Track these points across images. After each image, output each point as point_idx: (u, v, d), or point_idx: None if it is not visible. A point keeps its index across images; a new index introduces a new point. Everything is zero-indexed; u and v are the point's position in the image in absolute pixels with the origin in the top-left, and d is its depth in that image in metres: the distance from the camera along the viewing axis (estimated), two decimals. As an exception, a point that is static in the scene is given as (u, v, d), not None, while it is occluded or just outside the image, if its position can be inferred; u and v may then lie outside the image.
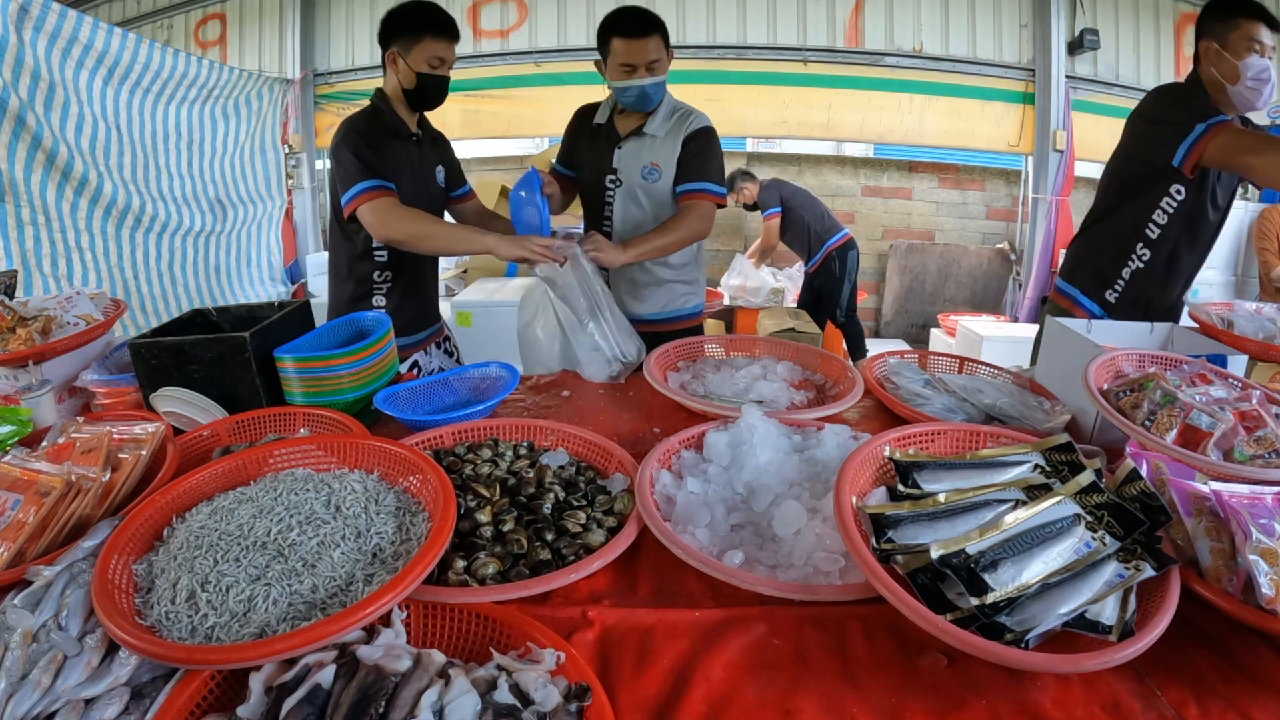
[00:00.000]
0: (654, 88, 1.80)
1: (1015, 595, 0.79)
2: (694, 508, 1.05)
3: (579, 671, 0.73)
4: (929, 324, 5.41)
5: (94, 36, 3.19)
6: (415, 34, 1.79)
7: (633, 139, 1.91)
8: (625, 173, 1.92)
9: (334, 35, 5.32)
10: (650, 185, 1.92)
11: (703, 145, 1.91)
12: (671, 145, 1.91)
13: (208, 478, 1.02)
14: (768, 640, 0.83)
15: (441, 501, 0.91)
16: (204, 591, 0.79)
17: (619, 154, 1.92)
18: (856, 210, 5.46)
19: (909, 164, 5.39)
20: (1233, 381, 1.26)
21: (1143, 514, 0.91)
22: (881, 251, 5.54)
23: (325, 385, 1.37)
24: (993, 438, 1.15)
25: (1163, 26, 5.03)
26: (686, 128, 1.91)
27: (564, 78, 5.00)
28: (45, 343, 1.44)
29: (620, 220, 1.95)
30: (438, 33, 1.80)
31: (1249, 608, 0.80)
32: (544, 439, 1.31)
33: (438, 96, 1.90)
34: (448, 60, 1.85)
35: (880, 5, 4.93)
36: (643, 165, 1.90)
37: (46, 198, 3.08)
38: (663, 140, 1.90)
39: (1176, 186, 1.78)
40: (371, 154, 1.78)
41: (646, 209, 1.94)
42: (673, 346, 1.76)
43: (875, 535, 0.89)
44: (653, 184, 1.92)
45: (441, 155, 2.08)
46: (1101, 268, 1.93)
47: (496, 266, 4.02)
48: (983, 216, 5.53)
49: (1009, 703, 0.73)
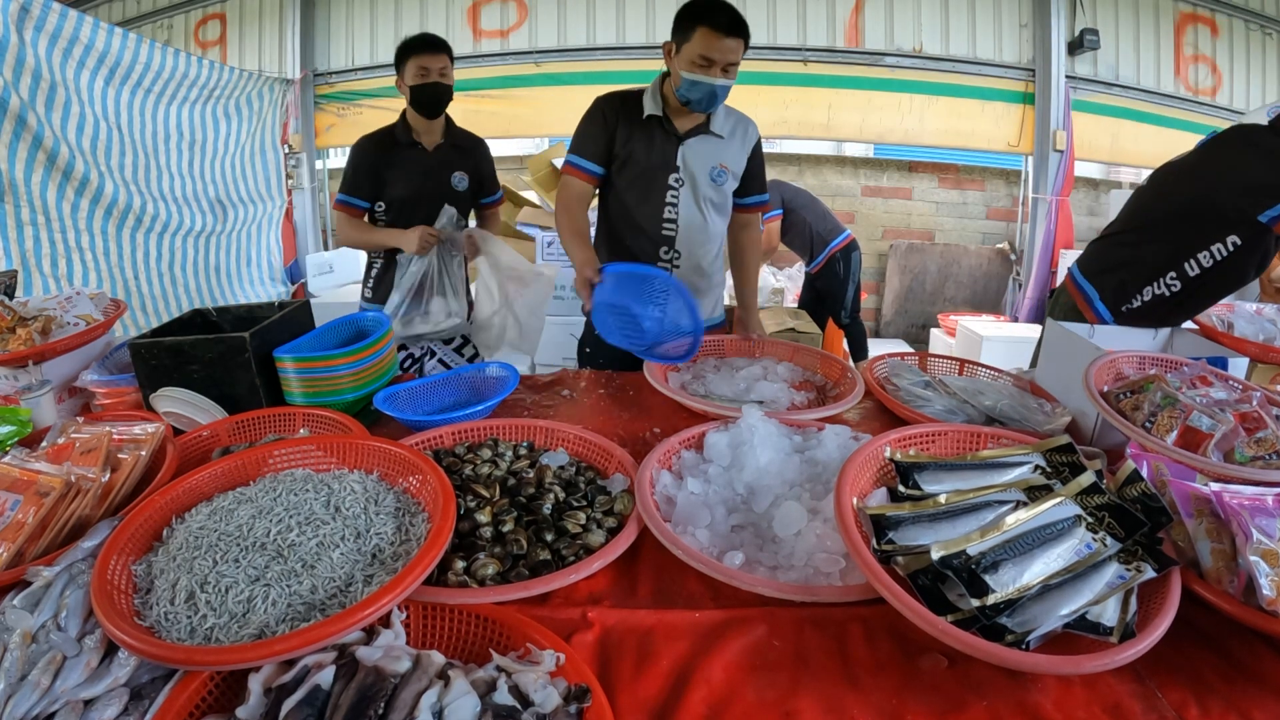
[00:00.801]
0: (724, 90, 1.71)
1: (1016, 596, 0.79)
2: (694, 508, 1.05)
3: (579, 673, 0.73)
4: (929, 324, 5.41)
5: (94, 36, 3.18)
6: (404, 57, 2.16)
7: (699, 137, 1.80)
8: (691, 171, 1.81)
9: (334, 35, 5.31)
10: (717, 187, 1.84)
11: (762, 156, 1.93)
12: (738, 149, 1.86)
13: (207, 478, 1.01)
14: (768, 641, 0.83)
15: (441, 502, 0.90)
16: (203, 592, 0.79)
17: (684, 151, 1.80)
18: (856, 210, 5.46)
19: (909, 164, 5.39)
20: (1233, 383, 1.26)
21: (1144, 515, 0.90)
22: (881, 251, 5.54)
23: (325, 385, 1.37)
24: (993, 439, 1.15)
25: (1163, 26, 5.02)
26: (748, 134, 1.88)
27: (564, 78, 4.99)
28: (45, 343, 1.44)
29: (684, 221, 1.84)
30: (419, 50, 2.13)
31: (1250, 609, 0.80)
32: (544, 439, 1.31)
33: (434, 100, 2.17)
34: (433, 68, 2.12)
35: (880, 5, 4.93)
36: (712, 166, 1.82)
37: (47, 198, 3.07)
38: (728, 142, 1.84)
39: (1234, 239, 1.68)
40: (363, 168, 2.20)
41: (706, 212, 1.86)
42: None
43: (876, 536, 0.89)
44: (720, 186, 1.85)
45: (465, 163, 2.31)
46: (1126, 280, 1.86)
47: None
48: (983, 216, 5.52)
49: (1010, 704, 0.73)
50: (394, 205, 2.24)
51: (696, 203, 1.84)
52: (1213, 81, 5.14)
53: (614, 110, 1.81)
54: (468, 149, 2.34)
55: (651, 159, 1.80)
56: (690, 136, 1.81)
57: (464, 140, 2.34)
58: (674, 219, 1.83)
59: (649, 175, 1.81)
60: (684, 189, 1.82)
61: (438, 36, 2.18)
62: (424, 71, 2.12)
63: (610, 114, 1.81)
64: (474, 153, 2.35)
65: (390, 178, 2.21)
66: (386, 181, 2.21)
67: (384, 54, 5.25)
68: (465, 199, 2.32)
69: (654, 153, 1.80)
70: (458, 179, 2.29)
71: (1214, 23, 5.07)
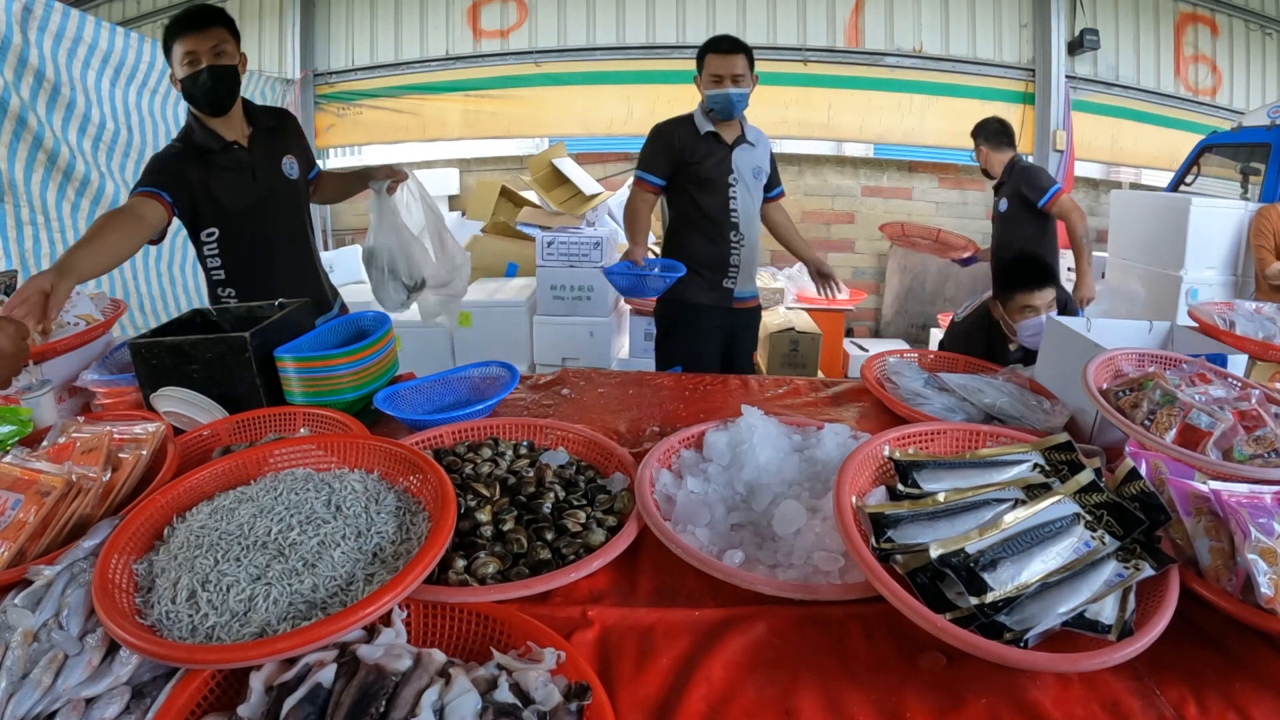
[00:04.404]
0: (738, 97, 2.19)
1: (1014, 594, 0.79)
2: (694, 507, 1.05)
3: (579, 671, 0.73)
4: (929, 324, 5.40)
5: (98, 35, 3.19)
6: (169, 46, 1.69)
7: (741, 146, 2.31)
8: (741, 173, 2.31)
9: (334, 35, 5.31)
10: (758, 184, 2.39)
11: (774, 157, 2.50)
12: (764, 154, 2.41)
13: (208, 477, 1.02)
14: (768, 640, 0.83)
15: (441, 501, 0.91)
16: (204, 591, 0.79)
17: (735, 158, 2.30)
18: (856, 210, 5.45)
19: (909, 164, 5.39)
20: (1232, 381, 1.26)
21: (1142, 513, 0.91)
22: (881, 252, 5.53)
23: (325, 385, 1.37)
24: (992, 437, 1.15)
25: (1163, 26, 5.03)
26: (767, 142, 2.45)
27: (564, 78, 4.99)
28: (45, 343, 1.44)
29: (742, 209, 2.33)
30: (179, 32, 1.66)
31: (1248, 607, 0.80)
32: (544, 438, 1.31)
33: (209, 93, 1.68)
34: (201, 50, 1.64)
35: (880, 5, 4.93)
36: (754, 167, 2.35)
37: (47, 198, 3.07)
38: (758, 149, 2.38)
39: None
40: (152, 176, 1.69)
41: (753, 201, 2.38)
42: None
43: (875, 535, 0.90)
44: (760, 182, 2.39)
45: (288, 146, 1.90)
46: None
47: (496, 266, 4.02)
48: (983, 216, 5.50)
49: (1008, 702, 0.73)
50: (229, 227, 1.79)
51: (749, 196, 2.35)
52: (1213, 81, 5.14)
53: (674, 133, 2.29)
54: (282, 131, 1.91)
55: (716, 166, 2.29)
56: (736, 146, 2.30)
57: (274, 123, 1.89)
58: (736, 209, 2.33)
59: (715, 179, 2.30)
60: (739, 186, 2.32)
61: (200, 8, 1.67)
62: (191, 59, 1.64)
63: (671, 137, 2.29)
64: (288, 134, 1.93)
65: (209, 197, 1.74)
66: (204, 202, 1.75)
67: (384, 54, 5.26)
68: (300, 187, 1.93)
69: (718, 162, 2.29)
70: (289, 165, 1.87)
71: (1214, 23, 5.07)
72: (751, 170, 2.35)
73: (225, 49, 1.68)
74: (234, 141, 1.77)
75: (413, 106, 5.23)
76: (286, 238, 1.90)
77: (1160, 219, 3.84)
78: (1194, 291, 3.65)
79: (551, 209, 3.94)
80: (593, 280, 3.46)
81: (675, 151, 2.29)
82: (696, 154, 2.28)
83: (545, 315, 3.54)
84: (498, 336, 3.45)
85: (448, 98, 5.20)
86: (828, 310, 4.42)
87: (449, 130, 5.27)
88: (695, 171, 2.29)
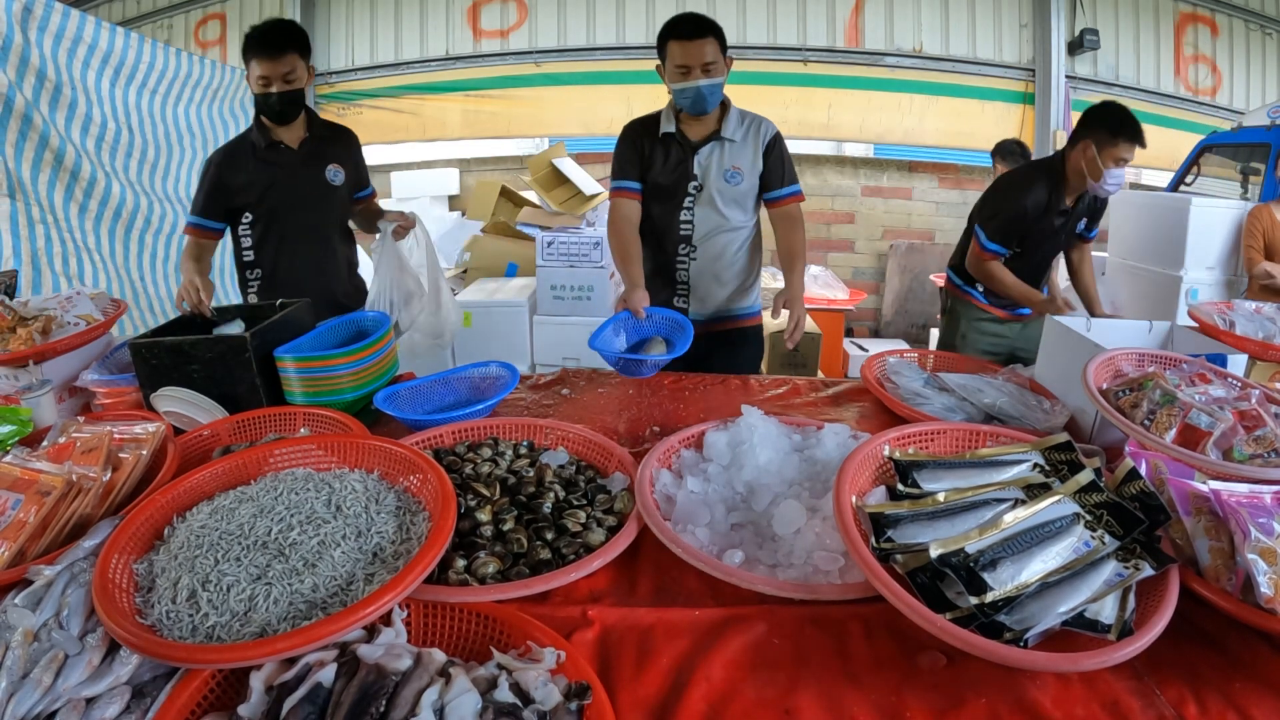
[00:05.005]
0: (710, 89, 1.81)
1: (1014, 594, 0.79)
2: (694, 507, 1.05)
3: (579, 670, 0.73)
4: (929, 324, 5.40)
5: (98, 35, 3.18)
6: (246, 57, 1.89)
7: (710, 144, 1.94)
8: (706, 178, 1.96)
9: (334, 35, 5.31)
10: (732, 188, 1.97)
11: (783, 150, 2.01)
12: (751, 150, 1.97)
13: (208, 477, 1.02)
14: (768, 639, 0.83)
15: (441, 501, 0.91)
16: (205, 591, 0.79)
17: (698, 160, 1.95)
18: (856, 210, 5.45)
19: (909, 164, 5.38)
20: (1232, 381, 1.26)
21: (1142, 513, 0.91)
22: (881, 252, 5.53)
23: (325, 385, 1.37)
24: (992, 437, 1.15)
25: (1163, 26, 5.02)
26: (763, 135, 1.99)
27: (564, 78, 4.99)
28: (45, 343, 1.44)
29: (700, 223, 1.99)
30: (254, 53, 1.86)
31: (1248, 607, 0.80)
32: (544, 438, 1.31)
33: (277, 113, 1.93)
34: (274, 77, 1.85)
35: (880, 5, 4.92)
36: (725, 169, 1.95)
37: (54, 198, 3.07)
38: (740, 145, 1.96)
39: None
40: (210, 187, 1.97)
41: (723, 211, 1.99)
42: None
43: (875, 534, 0.90)
44: (734, 187, 1.97)
45: (337, 156, 2.08)
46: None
47: (496, 267, 4.02)
48: (983, 216, 5.52)
49: (1008, 701, 0.73)
50: (263, 216, 2.02)
51: (714, 204, 1.98)
52: (1213, 81, 5.14)
53: (639, 134, 1.99)
54: (335, 141, 2.11)
55: (671, 172, 1.96)
56: (703, 145, 1.94)
57: (331, 131, 2.11)
58: (690, 220, 1.99)
59: (669, 187, 1.98)
60: (702, 194, 1.97)
61: (279, 32, 1.88)
62: (264, 82, 1.86)
63: (634, 139, 1.99)
64: (342, 146, 2.12)
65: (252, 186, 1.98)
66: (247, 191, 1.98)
67: (384, 54, 5.26)
68: (342, 195, 2.11)
69: (674, 167, 1.96)
70: (332, 173, 2.06)
71: (1214, 23, 5.07)
72: (724, 172, 1.95)
73: (295, 75, 1.90)
74: (281, 141, 1.99)
75: (413, 106, 5.23)
76: (315, 234, 2.08)
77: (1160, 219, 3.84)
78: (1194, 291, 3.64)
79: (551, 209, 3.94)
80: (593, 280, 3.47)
81: (639, 151, 2.00)
82: (653, 157, 1.98)
83: (545, 315, 3.54)
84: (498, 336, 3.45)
85: (448, 98, 5.21)
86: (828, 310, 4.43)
87: (449, 130, 5.27)
88: (652, 177, 2.00)
